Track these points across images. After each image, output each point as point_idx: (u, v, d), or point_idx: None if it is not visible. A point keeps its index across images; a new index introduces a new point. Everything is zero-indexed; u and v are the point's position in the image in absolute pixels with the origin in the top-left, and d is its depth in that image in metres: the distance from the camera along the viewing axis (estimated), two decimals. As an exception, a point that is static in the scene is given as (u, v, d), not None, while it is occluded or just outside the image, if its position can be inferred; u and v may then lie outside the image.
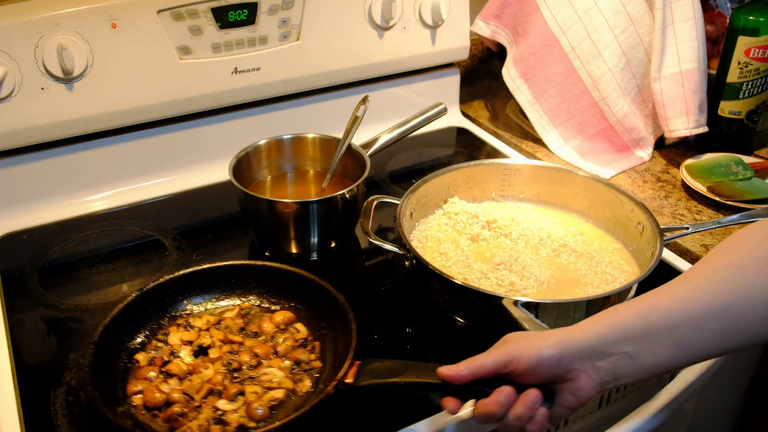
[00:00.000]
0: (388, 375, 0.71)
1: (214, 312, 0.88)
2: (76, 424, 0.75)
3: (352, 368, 0.72)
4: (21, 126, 1.04)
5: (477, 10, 1.37)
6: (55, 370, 0.82)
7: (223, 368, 0.79)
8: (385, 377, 0.71)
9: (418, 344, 0.88)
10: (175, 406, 0.74)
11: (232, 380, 0.78)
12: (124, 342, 0.82)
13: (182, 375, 0.78)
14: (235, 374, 0.79)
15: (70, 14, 1.02)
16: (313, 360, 0.81)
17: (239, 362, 0.80)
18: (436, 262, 0.94)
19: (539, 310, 0.81)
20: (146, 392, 0.75)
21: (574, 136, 1.30)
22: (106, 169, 1.15)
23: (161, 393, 0.75)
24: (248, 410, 0.74)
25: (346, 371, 0.72)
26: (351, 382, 0.71)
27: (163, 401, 0.75)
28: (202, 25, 1.10)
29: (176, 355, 0.81)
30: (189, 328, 0.85)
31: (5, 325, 0.89)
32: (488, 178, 1.08)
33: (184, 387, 0.76)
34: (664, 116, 1.23)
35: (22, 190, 1.10)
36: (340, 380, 0.71)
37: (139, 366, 0.79)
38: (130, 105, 1.11)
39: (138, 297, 0.83)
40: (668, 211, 1.13)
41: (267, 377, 0.78)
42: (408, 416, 0.76)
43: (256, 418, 0.73)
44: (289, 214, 0.98)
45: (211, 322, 0.85)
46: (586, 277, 0.93)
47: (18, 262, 1.02)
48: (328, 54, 1.24)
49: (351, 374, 0.72)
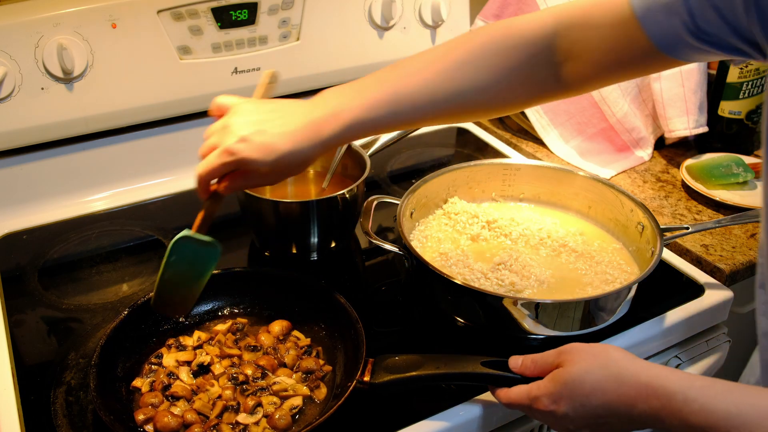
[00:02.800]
0: (406, 369, 0.72)
1: (204, 326, 0.87)
2: (76, 424, 0.74)
3: (367, 366, 0.73)
4: (21, 126, 1.04)
5: (477, 10, 1.37)
6: (55, 370, 0.81)
7: (229, 383, 0.77)
8: (402, 372, 0.71)
9: (418, 344, 0.88)
10: (194, 427, 0.72)
11: (243, 394, 0.76)
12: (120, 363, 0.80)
13: (188, 396, 0.76)
14: (245, 387, 0.77)
15: (70, 14, 1.02)
16: (323, 365, 0.81)
17: (245, 375, 0.78)
18: (436, 262, 0.94)
19: (539, 310, 0.81)
20: (158, 419, 0.72)
21: (574, 136, 1.30)
22: (106, 169, 1.15)
23: (174, 417, 0.73)
24: (271, 421, 0.73)
25: (362, 370, 0.72)
26: (368, 380, 0.72)
27: (178, 425, 0.72)
28: (202, 25, 1.10)
29: (175, 376, 0.78)
30: (181, 348, 0.82)
31: (5, 325, 0.89)
32: (488, 178, 1.08)
33: (197, 407, 0.74)
34: (664, 116, 1.23)
35: (22, 190, 1.10)
36: (359, 379, 0.71)
37: (141, 393, 0.77)
38: (130, 105, 1.11)
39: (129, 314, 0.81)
40: (668, 211, 1.13)
41: (279, 386, 0.77)
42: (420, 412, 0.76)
43: (280, 428, 0.72)
44: (289, 214, 0.98)
45: (203, 339, 0.83)
46: (586, 277, 0.93)
47: (18, 262, 1.02)
48: (328, 54, 1.24)
49: (367, 372, 0.72)
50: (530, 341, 0.85)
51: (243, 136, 0.71)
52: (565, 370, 0.64)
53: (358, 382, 0.71)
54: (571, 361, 0.64)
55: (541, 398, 0.65)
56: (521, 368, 0.69)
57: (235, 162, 0.71)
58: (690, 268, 1.00)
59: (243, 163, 0.71)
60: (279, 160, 0.71)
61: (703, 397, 0.57)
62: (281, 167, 0.73)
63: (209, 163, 0.73)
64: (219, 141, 0.73)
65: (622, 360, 0.63)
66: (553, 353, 0.67)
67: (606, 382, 0.62)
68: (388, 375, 0.72)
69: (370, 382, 0.72)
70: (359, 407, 0.74)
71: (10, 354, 0.85)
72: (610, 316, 0.86)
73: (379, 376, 0.72)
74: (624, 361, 0.63)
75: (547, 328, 0.82)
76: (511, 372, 0.69)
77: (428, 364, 0.72)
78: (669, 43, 0.68)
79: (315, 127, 0.73)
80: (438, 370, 0.71)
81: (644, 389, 0.59)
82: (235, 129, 0.72)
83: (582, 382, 0.62)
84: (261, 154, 0.71)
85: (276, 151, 0.71)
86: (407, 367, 0.72)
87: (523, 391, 0.67)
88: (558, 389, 0.63)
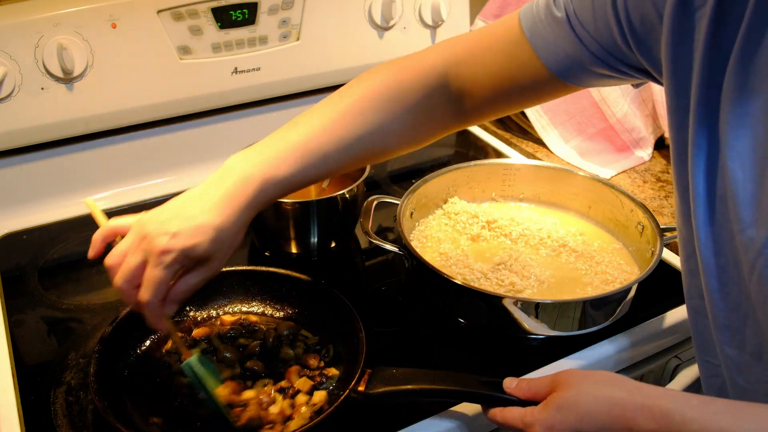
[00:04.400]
0: (402, 382, 0.71)
1: (209, 323, 0.87)
2: (76, 424, 0.74)
3: (364, 377, 0.72)
4: (21, 126, 1.04)
5: (477, 10, 1.37)
6: (55, 370, 0.81)
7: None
8: (399, 384, 0.71)
9: (418, 344, 0.88)
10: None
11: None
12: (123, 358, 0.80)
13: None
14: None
15: (70, 14, 1.02)
16: (324, 368, 0.81)
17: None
18: (436, 262, 0.94)
19: (539, 310, 0.81)
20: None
21: (574, 136, 1.30)
22: (106, 169, 1.15)
23: None
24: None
25: (358, 380, 0.72)
26: (363, 390, 0.71)
27: None
28: (202, 25, 1.10)
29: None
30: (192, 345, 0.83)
31: (5, 325, 0.89)
32: (488, 178, 1.08)
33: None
34: (664, 116, 1.23)
35: (22, 190, 1.10)
36: (353, 389, 0.71)
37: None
38: (130, 105, 1.11)
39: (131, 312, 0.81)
40: (668, 211, 1.13)
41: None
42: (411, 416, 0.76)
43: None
44: (289, 214, 0.98)
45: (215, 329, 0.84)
46: (586, 277, 0.93)
47: (18, 262, 1.02)
48: (328, 54, 1.24)
49: (363, 382, 0.72)
50: (530, 341, 0.85)
51: (170, 232, 0.66)
52: (558, 394, 0.63)
53: (351, 391, 0.71)
54: (564, 385, 0.63)
55: (534, 425, 0.63)
56: (516, 390, 0.67)
57: (176, 259, 0.66)
58: (690, 268, 1.00)
59: (183, 255, 0.66)
60: (216, 237, 0.67)
61: (701, 416, 0.55)
62: (220, 244, 0.68)
63: (151, 280, 0.66)
64: (144, 253, 0.67)
65: (616, 382, 0.61)
66: (548, 378, 0.66)
67: (599, 404, 0.60)
68: (383, 386, 0.71)
69: (365, 393, 0.71)
70: (356, 408, 0.73)
71: (10, 354, 0.85)
72: (610, 317, 0.86)
73: (375, 387, 0.71)
74: (617, 383, 0.61)
75: (547, 328, 0.82)
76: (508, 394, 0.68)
77: (426, 379, 0.71)
78: (562, 67, 0.72)
79: (230, 198, 0.68)
80: (435, 385, 0.70)
81: (640, 410, 0.57)
82: (156, 232, 0.66)
83: (576, 405, 0.61)
84: (198, 238, 0.66)
85: (210, 228, 0.67)
86: (404, 380, 0.71)
87: (518, 415, 0.65)
88: (551, 415, 0.62)
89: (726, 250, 0.61)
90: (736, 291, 0.62)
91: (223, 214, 0.68)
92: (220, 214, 0.68)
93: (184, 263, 0.67)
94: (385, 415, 0.76)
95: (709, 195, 0.61)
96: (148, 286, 0.66)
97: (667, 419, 0.56)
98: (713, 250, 0.62)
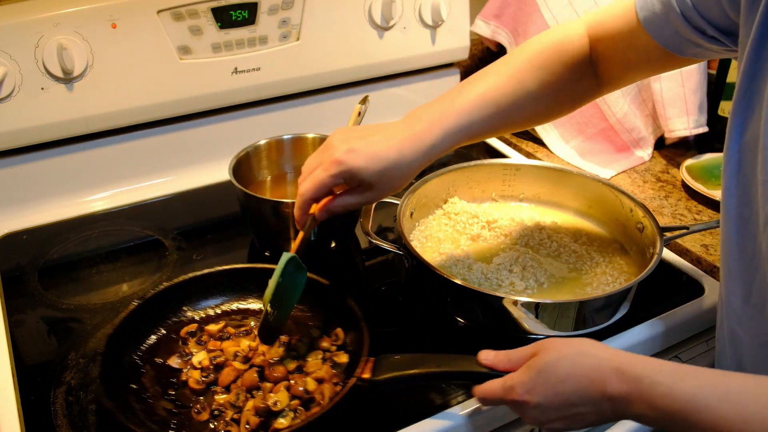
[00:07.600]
0: (406, 368, 0.73)
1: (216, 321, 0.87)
2: (76, 424, 0.74)
3: (368, 365, 0.74)
4: (21, 126, 1.04)
5: (477, 10, 1.37)
6: (55, 370, 0.81)
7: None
8: (402, 369, 0.72)
9: (418, 344, 0.88)
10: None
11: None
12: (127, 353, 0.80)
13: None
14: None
15: (70, 14, 1.02)
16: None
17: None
18: (436, 262, 0.94)
19: (539, 310, 0.81)
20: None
21: (574, 136, 1.30)
22: (106, 169, 1.15)
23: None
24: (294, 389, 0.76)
25: (362, 368, 0.73)
26: (369, 378, 0.72)
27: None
28: (202, 25, 1.10)
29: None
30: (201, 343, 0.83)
31: (5, 325, 0.89)
32: (488, 178, 1.08)
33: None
34: (664, 116, 1.23)
35: (22, 190, 1.10)
36: (358, 377, 0.72)
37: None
38: (130, 105, 1.11)
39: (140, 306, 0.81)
40: (668, 211, 1.13)
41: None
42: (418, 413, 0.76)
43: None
44: (289, 214, 0.97)
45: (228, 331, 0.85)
46: (586, 277, 0.93)
47: (18, 262, 1.02)
48: (328, 54, 1.24)
49: (367, 370, 0.73)
50: (530, 341, 0.85)
51: (349, 147, 0.73)
52: (539, 358, 0.64)
53: (358, 379, 0.72)
54: (546, 351, 0.65)
55: (515, 387, 0.64)
56: (494, 361, 0.69)
57: (343, 172, 0.72)
58: (690, 268, 1.00)
59: (351, 173, 0.72)
60: (385, 170, 0.73)
61: (669, 380, 0.58)
62: (387, 178, 0.74)
63: (315, 178, 0.73)
64: (321, 159, 0.74)
65: (596, 348, 0.64)
66: (528, 347, 0.68)
67: (579, 367, 0.62)
68: (387, 373, 0.72)
69: (370, 380, 0.72)
70: (361, 405, 0.74)
71: (10, 354, 0.85)
72: (610, 317, 0.86)
73: (379, 374, 0.72)
74: (597, 349, 0.64)
75: (547, 329, 0.82)
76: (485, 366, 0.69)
77: (428, 363, 0.73)
78: (673, 44, 0.76)
79: (417, 137, 0.75)
80: (438, 368, 0.72)
81: (615, 373, 0.61)
82: (338, 144, 0.73)
83: (555, 367, 0.63)
84: (369, 163, 0.72)
85: (383, 159, 0.73)
86: (407, 365, 0.73)
87: (498, 382, 0.67)
88: (532, 377, 0.64)
89: (752, 203, 0.64)
90: (752, 244, 0.65)
91: (402, 151, 0.74)
92: (399, 152, 0.74)
93: (348, 181, 0.74)
94: (385, 415, 0.76)
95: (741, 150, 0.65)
96: (310, 181, 0.74)
97: (637, 382, 0.59)
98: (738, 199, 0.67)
